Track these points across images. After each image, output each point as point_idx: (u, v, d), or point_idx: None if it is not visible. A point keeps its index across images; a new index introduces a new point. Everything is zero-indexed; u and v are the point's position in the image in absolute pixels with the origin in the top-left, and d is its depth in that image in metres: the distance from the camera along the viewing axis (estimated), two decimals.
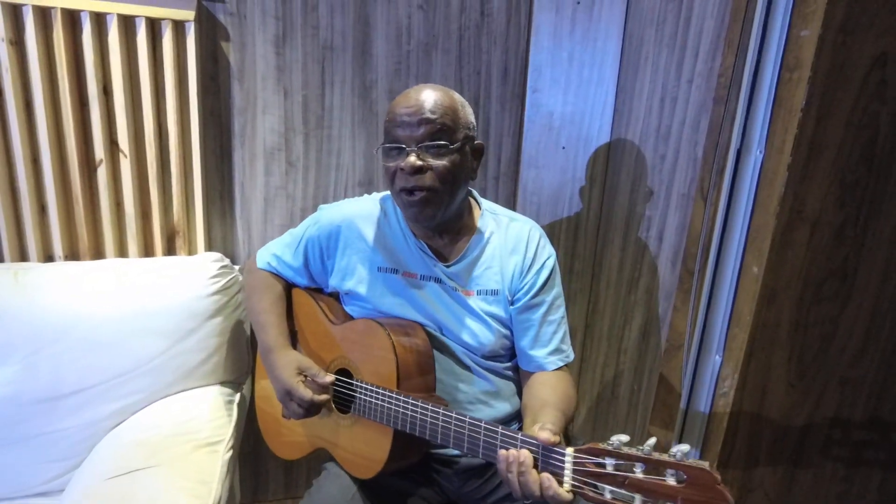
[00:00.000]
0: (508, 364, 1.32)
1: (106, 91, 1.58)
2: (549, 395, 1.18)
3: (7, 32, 1.47)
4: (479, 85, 1.76)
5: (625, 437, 0.85)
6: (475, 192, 1.35)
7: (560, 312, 1.29)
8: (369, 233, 1.32)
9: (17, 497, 1.45)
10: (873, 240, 1.31)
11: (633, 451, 0.82)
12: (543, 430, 0.95)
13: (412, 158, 1.13)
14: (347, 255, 1.32)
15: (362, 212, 1.34)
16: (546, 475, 0.91)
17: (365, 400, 1.21)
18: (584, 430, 1.95)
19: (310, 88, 1.69)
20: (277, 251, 1.42)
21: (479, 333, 1.26)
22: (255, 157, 1.71)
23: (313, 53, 1.67)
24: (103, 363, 1.47)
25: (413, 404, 1.12)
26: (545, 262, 1.28)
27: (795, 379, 1.36)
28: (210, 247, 1.73)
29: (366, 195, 1.41)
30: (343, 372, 1.28)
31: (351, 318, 1.34)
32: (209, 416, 1.46)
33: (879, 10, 1.20)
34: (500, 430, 1.00)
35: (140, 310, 1.50)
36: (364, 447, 1.23)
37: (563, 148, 1.77)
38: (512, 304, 1.27)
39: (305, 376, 1.25)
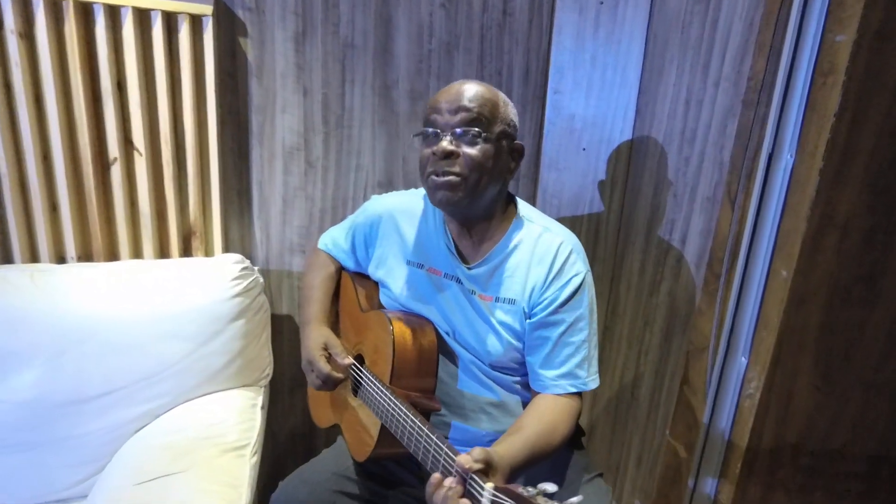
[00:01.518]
0: (518, 379, 1.27)
1: (120, 87, 1.52)
2: (529, 422, 1.11)
3: (17, 24, 1.42)
4: (500, 85, 1.73)
5: (551, 488, 0.80)
6: (519, 199, 1.31)
7: (582, 335, 1.21)
8: (406, 226, 1.32)
9: (40, 501, 1.42)
10: None
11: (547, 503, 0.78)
12: (468, 453, 0.90)
13: (444, 143, 1.13)
14: (384, 245, 1.34)
15: (404, 204, 1.35)
16: (465, 501, 0.87)
17: (365, 387, 1.23)
18: (603, 434, 1.94)
19: (330, 87, 1.65)
20: (335, 234, 1.47)
21: (487, 341, 1.22)
22: (273, 157, 1.67)
23: (334, 52, 1.63)
24: (127, 366, 1.44)
25: (392, 401, 1.12)
26: (571, 278, 1.20)
27: (821, 382, 1.35)
28: (227, 248, 1.69)
29: (413, 189, 1.41)
30: (360, 357, 1.33)
31: (382, 306, 1.36)
32: (235, 420, 1.43)
33: None
34: (444, 447, 0.95)
35: (163, 312, 1.46)
36: (360, 431, 1.25)
37: (584, 150, 1.74)
38: (528, 317, 1.21)
39: (329, 353, 1.28)
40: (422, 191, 1.36)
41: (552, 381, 1.19)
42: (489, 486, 0.85)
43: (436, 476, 0.92)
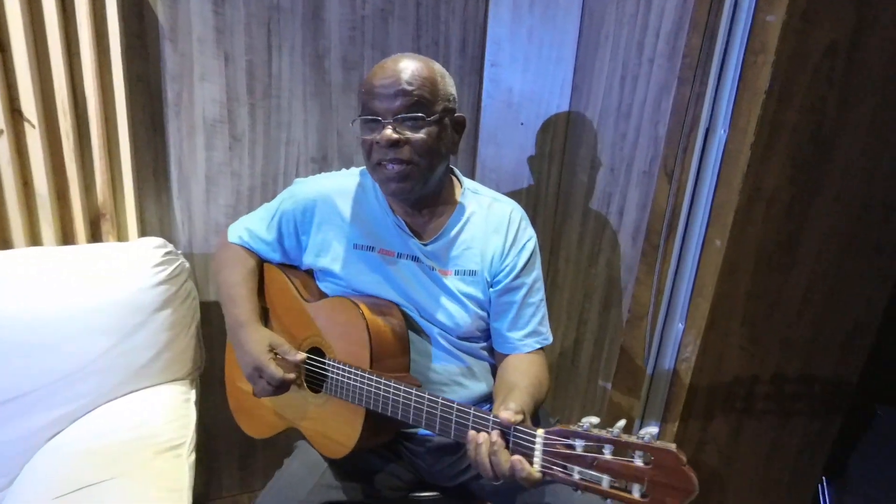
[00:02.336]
0: (483, 344, 1.27)
1: (2, 47, 1.29)
2: (519, 379, 1.14)
3: None
4: (436, 56, 1.65)
5: (595, 420, 0.84)
6: (457, 171, 1.28)
7: (539, 295, 1.25)
8: (346, 208, 1.23)
9: None
10: (815, 214, 1.41)
11: (602, 433, 0.82)
12: (506, 409, 0.92)
13: (388, 131, 1.06)
14: (323, 231, 1.24)
15: (339, 186, 1.25)
16: (518, 457, 0.89)
17: (337, 379, 1.15)
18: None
19: (255, 53, 1.50)
20: (251, 225, 1.31)
21: (455, 314, 1.20)
22: (193, 130, 1.50)
23: (258, 14, 1.48)
24: (36, 368, 1.26)
25: (385, 385, 1.07)
26: (526, 243, 1.23)
27: (747, 343, 1.45)
28: (144, 231, 1.50)
29: (344, 169, 1.31)
30: (315, 350, 1.21)
31: (325, 295, 1.26)
32: (166, 418, 1.29)
33: (834, 1, 1.26)
34: (472, 411, 0.97)
35: (77, 305, 1.28)
36: (335, 427, 1.18)
37: (522, 124, 1.72)
38: (491, 286, 1.22)
39: (276, 354, 1.17)
40: (355, 171, 1.29)
41: (520, 342, 1.21)
42: (540, 431, 0.87)
43: (471, 433, 0.94)
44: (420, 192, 1.14)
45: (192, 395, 1.41)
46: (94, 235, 1.45)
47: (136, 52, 1.41)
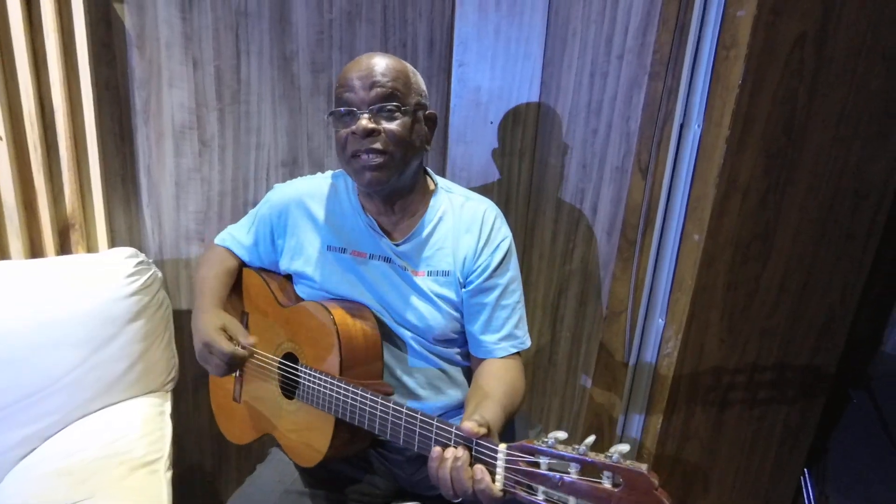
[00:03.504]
0: (460, 349, 1.22)
1: None
2: (493, 386, 1.09)
3: None
4: (405, 57, 1.54)
5: (562, 435, 0.78)
6: (430, 171, 1.24)
7: (515, 297, 1.20)
8: (319, 211, 1.20)
9: None
10: (789, 204, 1.38)
11: (568, 450, 0.76)
12: (470, 420, 0.87)
13: (363, 121, 1.04)
14: (297, 234, 1.21)
15: (312, 189, 1.22)
16: (479, 467, 0.83)
17: (308, 386, 1.10)
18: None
19: (223, 59, 1.44)
20: (234, 229, 1.31)
21: (427, 315, 1.15)
22: (162, 137, 1.44)
23: (225, 19, 1.42)
24: (7, 383, 1.21)
25: (353, 392, 1.02)
26: (500, 243, 1.18)
27: (726, 334, 1.41)
28: (113, 241, 1.44)
29: (319, 173, 1.28)
30: (290, 356, 1.17)
31: (301, 299, 1.22)
32: (141, 432, 1.24)
33: None
34: (434, 422, 0.91)
35: (45, 319, 1.23)
36: (307, 434, 1.13)
37: (492, 123, 1.68)
38: (464, 286, 1.17)
39: (228, 335, 1.12)
40: (329, 174, 1.26)
41: (495, 345, 1.16)
42: (502, 446, 0.81)
43: (436, 450, 0.88)
44: (394, 186, 1.11)
45: (167, 407, 1.35)
46: (63, 246, 1.39)
47: (103, 59, 1.36)
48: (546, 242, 1.72)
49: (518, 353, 1.19)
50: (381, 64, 1.07)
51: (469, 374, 1.24)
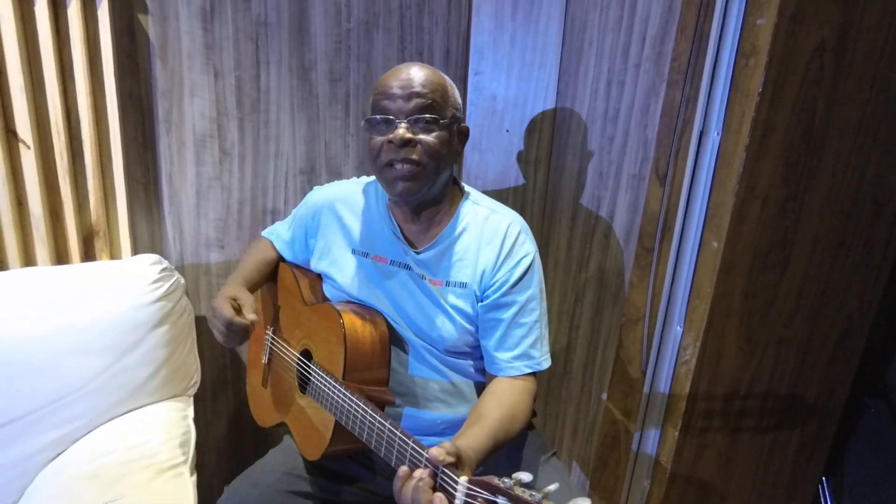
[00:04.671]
0: (475, 364, 1.19)
1: None
2: (490, 410, 1.04)
3: None
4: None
5: (526, 477, 0.75)
6: (461, 182, 1.22)
7: (534, 316, 1.15)
8: (348, 214, 1.20)
9: None
10: (807, 211, 1.34)
11: (526, 495, 0.72)
12: (441, 446, 0.84)
13: (401, 131, 1.02)
14: (326, 236, 1.22)
15: (344, 193, 1.23)
16: (439, 495, 0.80)
17: (316, 384, 1.11)
18: (537, 406, 1.89)
19: (243, 69, 1.43)
20: (278, 225, 1.35)
21: (440, 326, 1.13)
22: (183, 146, 1.43)
23: (245, 29, 1.41)
24: (33, 389, 1.19)
25: (349, 398, 1.01)
26: (521, 259, 1.13)
27: (744, 343, 1.37)
28: (136, 248, 1.43)
29: (354, 177, 1.29)
30: (306, 352, 1.19)
31: (325, 298, 1.23)
32: (165, 436, 1.22)
33: (821, 1, 1.20)
34: (410, 441, 0.88)
35: (71, 325, 1.22)
36: (311, 429, 1.13)
37: (507, 131, 1.65)
38: (480, 300, 1.13)
39: (237, 305, 1.14)
40: (363, 179, 1.26)
41: (507, 364, 1.11)
42: (463, 479, 0.78)
43: (403, 469, 0.85)
44: (424, 196, 1.09)
45: (190, 411, 1.33)
46: (88, 253, 1.38)
47: (127, 70, 1.35)
48: (562, 250, 1.69)
49: (533, 374, 1.14)
50: (421, 75, 1.05)
51: (482, 390, 1.19)
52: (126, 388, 1.26)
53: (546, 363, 1.16)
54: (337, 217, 1.21)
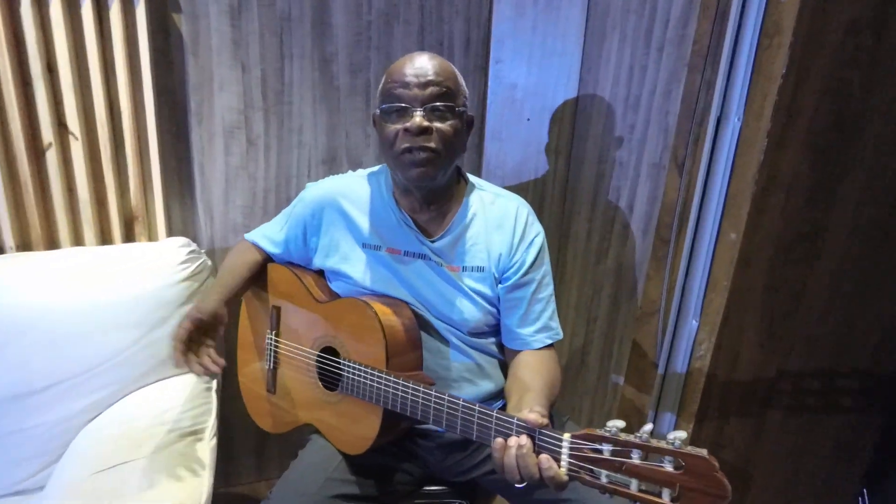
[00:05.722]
0: (493, 340, 1.18)
1: (50, 69, 1.32)
2: (532, 378, 1.06)
3: None
4: (441, 56, 1.55)
5: (620, 423, 0.76)
6: (461, 169, 1.20)
7: (549, 290, 1.16)
8: (353, 209, 1.18)
9: None
10: (841, 203, 1.22)
11: (630, 437, 0.75)
12: (532, 412, 0.84)
13: (418, 118, 1.01)
14: (331, 232, 1.19)
15: (345, 188, 1.20)
16: (545, 456, 0.81)
17: (353, 379, 1.09)
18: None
19: (268, 62, 1.46)
20: (266, 227, 1.31)
21: (464, 310, 1.12)
22: (213, 136, 1.48)
23: (270, 25, 1.44)
24: (73, 357, 1.28)
25: (404, 386, 1.00)
26: (534, 239, 1.14)
27: (766, 339, 1.28)
28: (171, 231, 1.50)
29: (351, 171, 1.26)
30: (329, 350, 1.16)
31: (337, 295, 1.20)
32: (189, 405, 1.29)
33: None
34: (495, 413, 0.88)
35: (108, 300, 1.30)
36: (352, 424, 1.12)
37: (528, 120, 1.61)
38: (500, 282, 1.13)
39: (201, 329, 1.10)
40: (360, 172, 1.24)
41: (531, 338, 1.13)
42: (566, 435, 0.81)
43: (498, 441, 0.87)
44: (435, 183, 1.08)
45: (214, 384, 1.39)
46: (129, 236, 1.47)
47: (162, 66, 1.40)
48: (580, 241, 1.63)
49: (552, 344, 1.15)
50: (434, 63, 1.04)
51: (502, 366, 1.20)
52: (154, 360, 1.34)
53: (562, 333, 1.18)
54: (341, 213, 1.19)
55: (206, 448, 1.22)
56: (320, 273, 1.25)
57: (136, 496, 1.05)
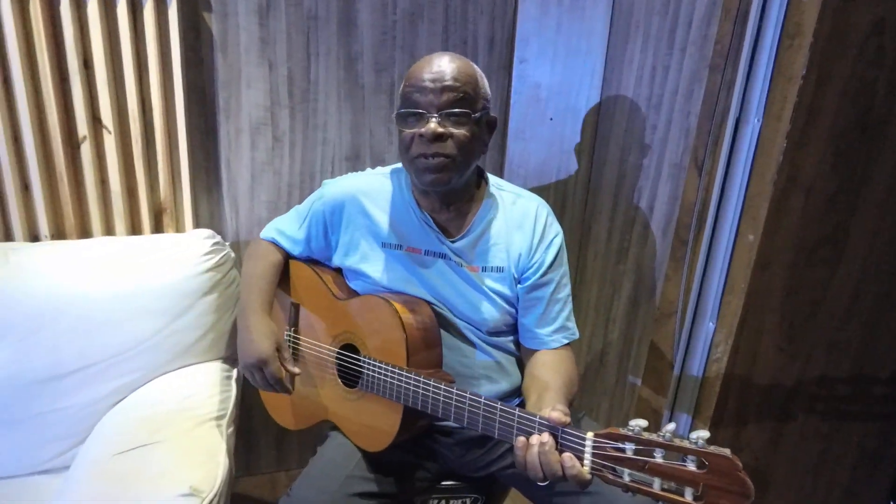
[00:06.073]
0: (510, 338, 1.19)
1: (87, 65, 1.37)
2: (551, 376, 1.06)
3: None
4: (465, 55, 1.55)
5: (643, 423, 0.77)
6: (482, 169, 1.20)
7: (567, 290, 1.17)
8: (373, 207, 1.17)
9: (20, 475, 1.31)
10: (864, 205, 1.20)
11: (652, 436, 0.75)
12: (555, 410, 0.84)
13: (433, 125, 1.00)
14: (350, 230, 1.19)
15: (366, 186, 1.19)
16: (568, 455, 0.82)
17: (373, 376, 1.09)
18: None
19: (294, 61, 1.49)
20: (281, 225, 1.29)
21: (483, 310, 1.13)
22: (240, 132, 1.52)
23: (297, 23, 1.47)
24: (101, 342, 1.32)
25: (425, 383, 1.01)
26: (553, 239, 1.14)
27: (785, 343, 1.26)
28: (197, 224, 1.54)
29: (369, 169, 1.26)
30: (348, 347, 1.16)
31: (356, 293, 1.20)
32: (209, 392, 1.32)
33: None
34: (517, 412, 0.89)
35: (135, 289, 1.34)
36: (372, 421, 1.12)
37: (551, 119, 1.61)
38: (519, 282, 1.14)
39: (282, 356, 1.15)
40: (379, 170, 1.24)
41: (549, 337, 1.14)
42: (590, 434, 0.81)
43: (521, 439, 0.88)
44: (452, 186, 1.08)
45: (234, 373, 1.43)
46: (157, 227, 1.52)
47: (192, 63, 1.45)
48: (601, 241, 1.62)
49: (569, 343, 1.15)
50: (452, 67, 1.02)
51: (519, 363, 1.21)
52: (178, 348, 1.37)
53: (578, 333, 1.18)
54: (362, 210, 1.18)
55: (223, 434, 1.25)
56: (339, 271, 1.26)
57: (153, 478, 1.08)
